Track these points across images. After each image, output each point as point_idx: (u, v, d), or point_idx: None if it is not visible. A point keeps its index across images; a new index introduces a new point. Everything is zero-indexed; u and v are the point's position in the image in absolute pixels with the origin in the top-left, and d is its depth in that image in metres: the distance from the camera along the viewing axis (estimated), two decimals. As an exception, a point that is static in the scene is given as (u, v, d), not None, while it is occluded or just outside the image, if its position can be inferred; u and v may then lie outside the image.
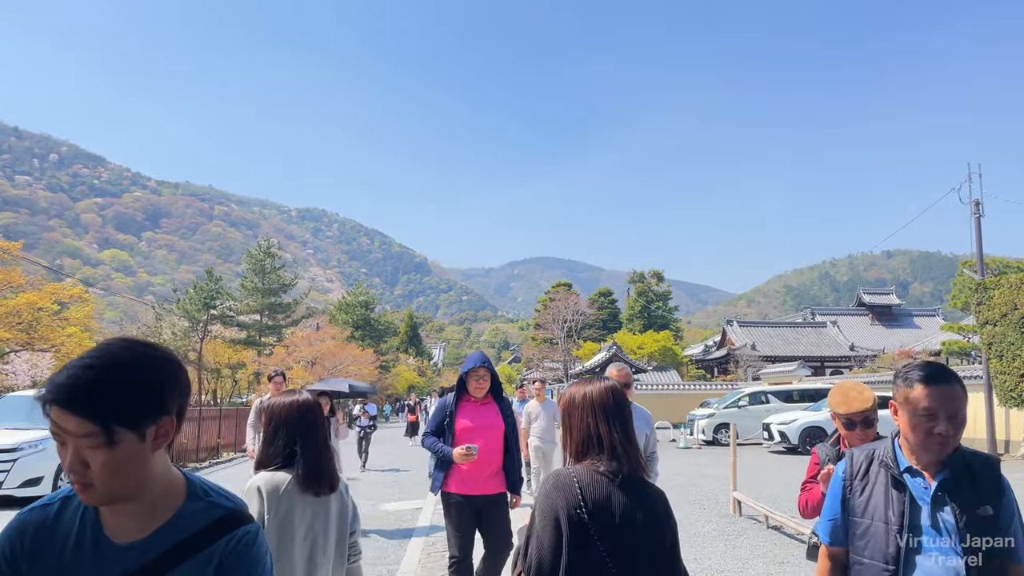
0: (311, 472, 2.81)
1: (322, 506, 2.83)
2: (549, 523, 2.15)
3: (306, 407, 2.91)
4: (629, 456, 2.25)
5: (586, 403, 2.33)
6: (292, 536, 2.75)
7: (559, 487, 2.18)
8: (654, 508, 2.22)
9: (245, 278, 57.40)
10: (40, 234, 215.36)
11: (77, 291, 21.31)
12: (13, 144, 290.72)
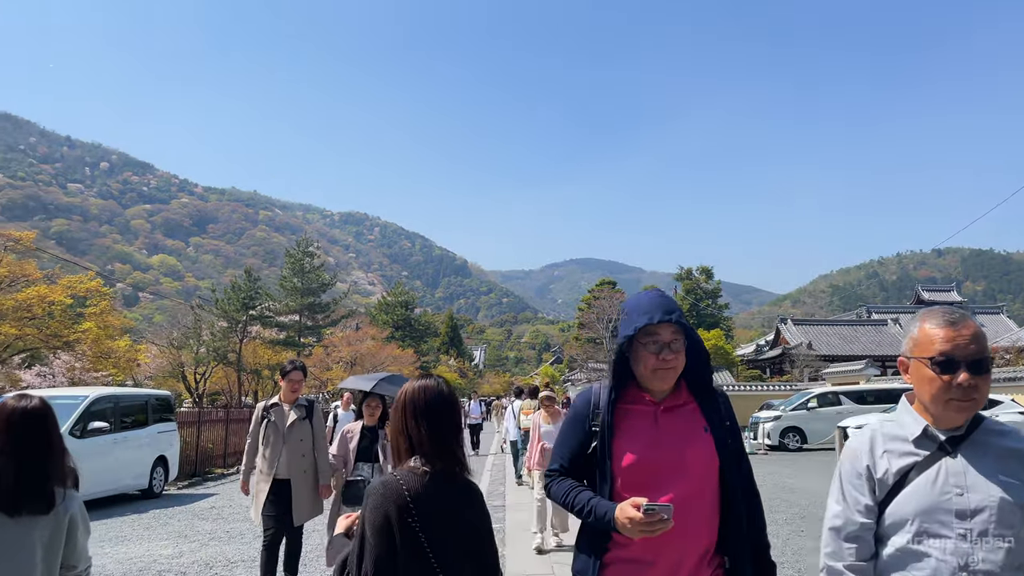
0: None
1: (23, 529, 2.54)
2: (379, 531, 2.14)
3: None
4: (447, 455, 2.26)
5: (400, 404, 2.33)
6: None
7: (387, 495, 2.17)
8: (474, 503, 2.29)
9: (284, 278, 56.83)
10: (92, 240, 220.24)
11: (94, 284, 20.22)
12: (66, 153, 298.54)
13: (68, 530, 2.61)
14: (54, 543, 2.57)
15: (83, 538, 2.68)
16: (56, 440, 2.66)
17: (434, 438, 2.26)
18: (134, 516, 11.70)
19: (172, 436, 15.16)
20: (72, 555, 2.63)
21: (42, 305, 17.62)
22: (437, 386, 2.36)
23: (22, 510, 2.51)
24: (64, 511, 2.60)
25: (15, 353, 20.58)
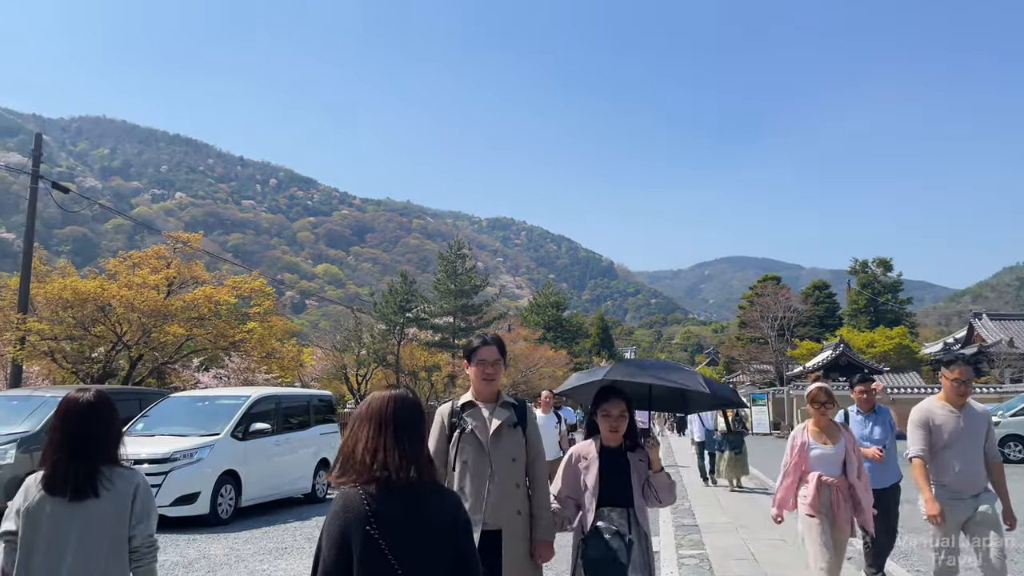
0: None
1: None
2: (335, 546, 2.14)
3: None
4: (412, 464, 2.25)
5: (364, 415, 2.32)
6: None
7: (347, 507, 2.18)
8: (445, 511, 2.27)
9: (438, 281, 57.53)
10: (264, 252, 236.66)
11: (258, 284, 20.31)
12: (239, 172, 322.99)
13: (127, 506, 2.79)
14: (113, 523, 2.76)
15: (141, 515, 2.82)
16: (106, 429, 2.88)
17: (399, 448, 2.26)
18: (296, 524, 11.01)
19: (334, 438, 14.56)
20: (132, 527, 2.80)
21: (209, 305, 17.79)
22: (403, 395, 2.37)
23: (74, 494, 2.72)
24: (117, 493, 2.78)
25: (189, 353, 21.13)
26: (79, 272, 22.65)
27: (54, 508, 2.74)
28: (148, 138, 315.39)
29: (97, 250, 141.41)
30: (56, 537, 2.72)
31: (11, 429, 11.19)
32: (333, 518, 2.16)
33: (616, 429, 4.05)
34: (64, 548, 2.71)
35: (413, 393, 2.40)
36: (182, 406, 12.40)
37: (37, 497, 2.76)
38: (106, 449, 2.86)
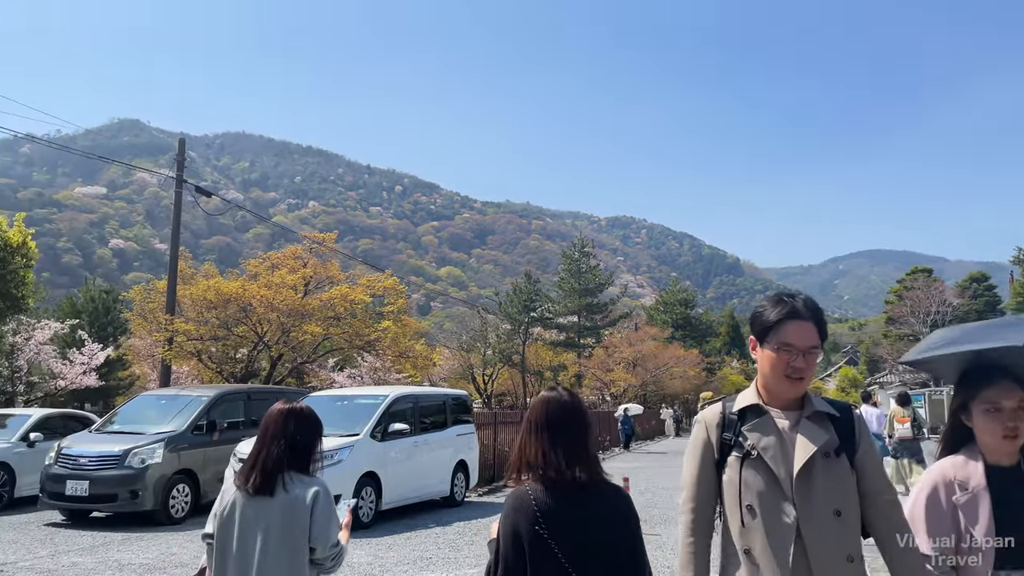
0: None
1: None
2: (511, 542, 2.21)
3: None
4: (577, 463, 2.26)
5: (527, 417, 2.38)
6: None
7: (517, 507, 2.23)
8: (613, 508, 2.28)
9: (562, 280, 56.95)
10: (391, 256, 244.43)
11: (391, 283, 20.23)
12: (367, 180, 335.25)
13: (305, 514, 2.85)
14: (287, 522, 2.84)
15: (321, 524, 2.85)
16: (310, 440, 2.99)
17: (561, 448, 2.28)
18: (438, 530, 10.49)
19: (471, 439, 14.05)
20: (312, 538, 2.86)
21: (344, 304, 17.81)
22: (559, 397, 2.38)
23: (256, 492, 2.88)
24: (294, 497, 2.86)
25: (324, 353, 21.39)
26: (222, 276, 23.47)
27: (244, 508, 2.88)
28: (283, 151, 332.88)
29: (239, 258, 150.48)
30: (245, 537, 2.85)
31: (159, 429, 11.29)
32: (505, 518, 2.25)
33: (1015, 434, 2.36)
34: (252, 548, 2.83)
35: (572, 394, 2.41)
36: (321, 406, 12.09)
37: (231, 499, 2.93)
38: (305, 458, 2.97)
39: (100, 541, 9.35)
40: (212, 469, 11.43)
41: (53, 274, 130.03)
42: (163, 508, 10.63)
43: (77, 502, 10.48)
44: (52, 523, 10.68)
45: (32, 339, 24.74)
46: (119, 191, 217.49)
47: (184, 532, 10.05)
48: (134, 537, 9.62)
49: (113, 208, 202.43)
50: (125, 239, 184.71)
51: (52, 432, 12.78)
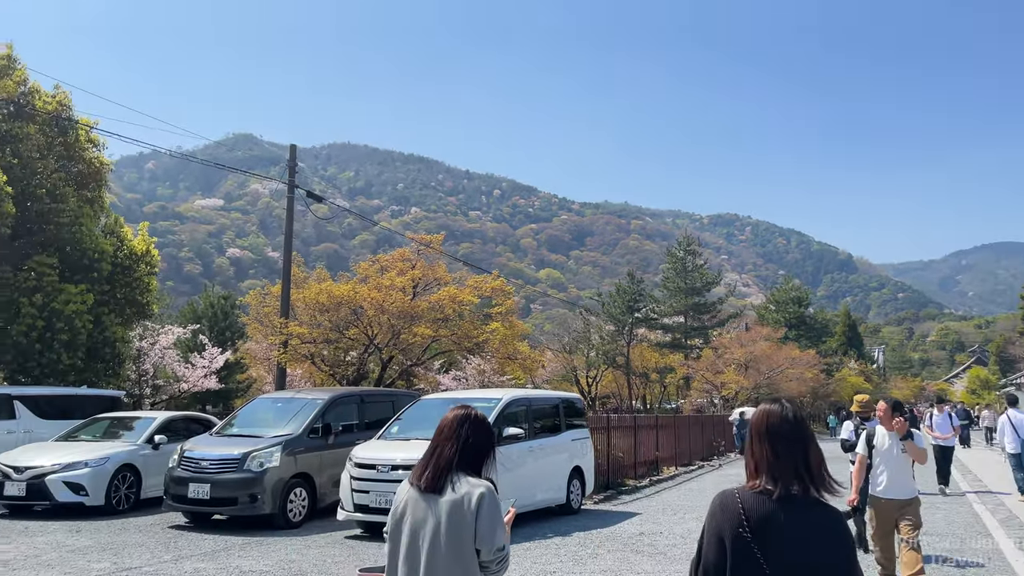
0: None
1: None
2: (714, 542, 2.28)
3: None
4: (792, 477, 2.30)
5: (752, 426, 2.46)
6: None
7: (724, 508, 2.30)
8: (824, 528, 2.26)
9: (667, 279, 55.51)
10: (491, 260, 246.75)
11: (499, 283, 19.93)
12: (466, 185, 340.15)
13: (470, 515, 2.88)
14: (453, 521, 2.88)
15: (486, 526, 2.88)
16: (485, 443, 3.09)
17: (774, 459, 2.33)
18: (557, 541, 9.97)
19: (586, 444, 13.48)
20: (477, 540, 2.88)
21: (453, 305, 17.63)
22: (782, 410, 2.43)
23: (427, 488, 2.95)
24: (461, 496, 2.90)
25: (435, 355, 21.32)
26: (333, 280, 23.89)
27: (415, 505, 2.96)
28: (386, 159, 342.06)
29: (347, 264, 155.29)
30: (415, 533, 2.93)
31: (276, 432, 11.27)
32: (711, 517, 2.34)
33: None
34: (420, 544, 2.90)
35: (791, 406, 2.45)
36: (434, 408, 11.88)
37: (404, 496, 3.03)
38: (476, 460, 3.04)
39: (221, 546, 9.33)
40: (328, 473, 11.33)
41: (176, 282, 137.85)
42: (281, 512, 10.58)
43: (199, 505, 10.57)
44: (176, 525, 10.81)
45: (157, 344, 25.89)
46: (234, 202, 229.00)
47: (302, 537, 9.94)
48: (254, 542, 9.57)
49: (229, 219, 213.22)
50: (241, 248, 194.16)
51: (175, 434, 13.04)
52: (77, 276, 17.73)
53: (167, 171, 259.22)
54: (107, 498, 11.66)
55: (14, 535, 9.78)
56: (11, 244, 16.55)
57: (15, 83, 16.95)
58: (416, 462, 9.16)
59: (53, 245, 17.42)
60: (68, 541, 9.41)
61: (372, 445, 10.69)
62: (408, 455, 9.95)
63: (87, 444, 12.59)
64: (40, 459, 11.63)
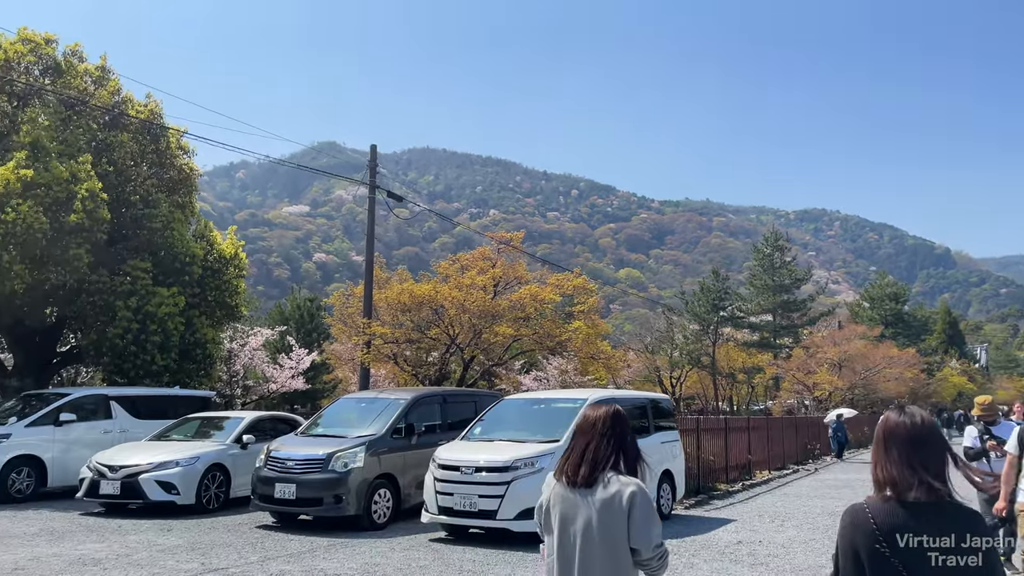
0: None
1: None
2: (850, 561, 2.24)
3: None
4: (921, 483, 2.25)
5: (877, 433, 2.43)
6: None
7: (855, 523, 2.27)
8: (963, 533, 2.20)
9: (753, 276, 53.81)
10: (569, 260, 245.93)
11: (580, 281, 19.49)
12: (543, 186, 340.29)
13: (622, 513, 2.86)
14: (605, 519, 2.88)
15: (640, 525, 2.85)
16: (623, 439, 3.05)
17: (900, 465, 2.29)
18: (649, 548, 9.48)
19: (675, 447, 12.91)
20: (632, 539, 2.86)
21: (534, 304, 17.31)
22: (907, 416, 2.39)
23: (581, 484, 2.95)
24: (612, 494, 2.89)
25: (516, 355, 21.05)
26: (414, 280, 23.98)
27: (564, 501, 2.98)
28: (465, 163, 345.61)
29: (428, 266, 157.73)
30: (565, 529, 2.94)
31: (360, 432, 11.17)
32: (842, 533, 2.32)
33: None
34: (572, 541, 2.90)
35: (917, 413, 2.42)
36: (517, 409, 11.59)
37: (550, 492, 3.07)
38: (630, 459, 3.04)
39: (307, 547, 9.24)
40: (412, 474, 11.16)
41: (267, 287, 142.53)
42: (366, 513, 10.45)
43: (285, 505, 10.54)
44: (263, 525, 10.83)
45: (247, 345, 26.56)
46: (320, 208, 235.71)
47: (386, 540, 9.77)
48: (339, 544, 9.45)
49: (315, 225, 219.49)
50: (326, 253, 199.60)
51: (263, 434, 13.15)
52: (169, 279, 18.24)
53: (256, 179, 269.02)
54: (198, 497, 11.81)
55: (108, 533, 9.96)
56: (107, 249, 17.14)
57: (109, 93, 17.58)
58: (497, 463, 8.77)
59: (147, 249, 17.98)
60: (159, 540, 9.51)
61: (455, 446, 10.46)
62: (492, 456, 9.66)
63: (178, 444, 12.82)
64: (133, 458, 11.88)
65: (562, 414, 10.79)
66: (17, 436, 12.98)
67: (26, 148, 14.89)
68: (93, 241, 15.80)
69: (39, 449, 13.16)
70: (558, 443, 9.98)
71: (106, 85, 17.74)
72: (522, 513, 9.28)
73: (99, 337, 17.17)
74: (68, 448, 13.47)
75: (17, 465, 12.84)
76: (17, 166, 14.46)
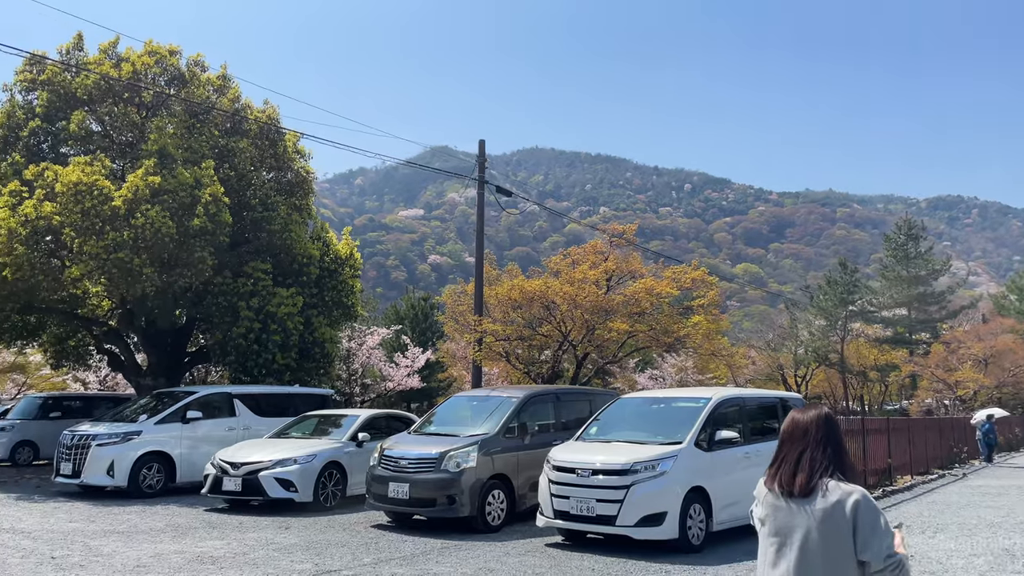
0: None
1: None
2: None
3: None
4: None
5: None
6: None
7: None
8: None
9: (885, 267, 50.50)
10: (683, 256, 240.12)
11: (699, 274, 18.56)
12: (655, 181, 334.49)
13: (845, 522, 2.71)
14: (827, 529, 2.72)
15: (869, 534, 2.69)
16: (838, 442, 2.90)
17: None
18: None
19: (812, 450, 11.91)
20: (860, 550, 2.71)
21: (650, 298, 16.57)
22: None
23: (798, 494, 2.81)
24: (832, 505, 2.74)
25: (631, 352, 20.36)
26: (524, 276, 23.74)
27: (777, 511, 2.87)
28: (574, 161, 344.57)
29: (538, 266, 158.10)
30: (783, 540, 2.83)
31: (472, 431, 10.88)
32: None
33: None
34: (789, 552, 2.80)
35: None
36: (635, 409, 10.97)
37: (761, 500, 2.99)
38: (845, 465, 2.88)
39: (420, 549, 9.00)
40: (525, 475, 10.77)
41: (384, 289, 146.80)
42: (480, 515, 10.13)
43: (399, 505, 10.38)
44: (378, 524, 10.71)
45: (364, 344, 27.10)
46: (433, 211, 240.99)
47: (500, 543, 9.41)
48: (452, 546, 9.16)
49: (429, 227, 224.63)
50: (440, 255, 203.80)
51: (378, 432, 13.14)
52: (288, 280, 18.69)
53: (373, 185, 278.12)
54: (315, 495, 11.88)
55: (229, 530, 10.09)
56: (230, 252, 17.72)
57: (230, 100, 18.17)
58: (615, 466, 8.13)
59: (266, 251, 18.49)
60: (276, 538, 9.52)
61: (570, 447, 9.97)
62: (609, 458, 9.11)
63: (297, 441, 12.97)
64: (254, 456, 12.07)
65: (684, 414, 10.10)
66: (147, 433, 13.52)
67: (154, 156, 15.55)
68: (216, 244, 16.34)
69: (168, 446, 13.66)
70: (680, 445, 9.32)
71: (227, 93, 18.36)
72: (644, 519, 8.69)
73: (224, 337, 17.78)
74: (195, 445, 13.91)
75: (148, 461, 13.36)
76: (146, 173, 15.11)
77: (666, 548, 8.81)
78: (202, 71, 18.41)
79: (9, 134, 16.95)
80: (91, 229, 14.63)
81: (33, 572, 7.55)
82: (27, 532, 9.69)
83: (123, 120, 17.02)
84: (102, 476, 13.09)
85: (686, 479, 9.07)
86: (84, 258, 14.69)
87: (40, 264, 14.93)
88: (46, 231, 14.81)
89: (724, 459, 9.83)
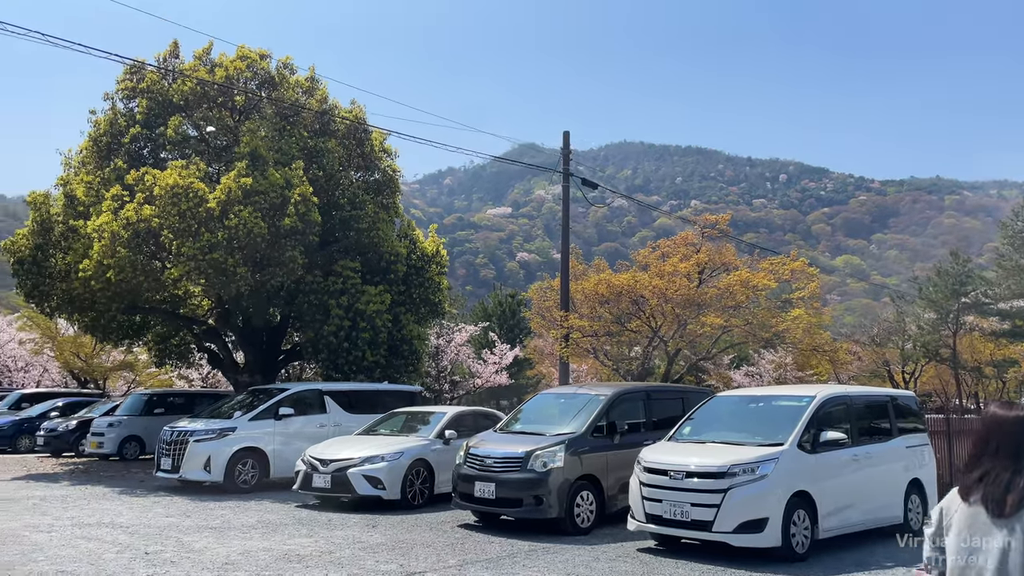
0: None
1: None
2: None
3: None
4: None
5: None
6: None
7: None
8: None
9: (1001, 256, 47.15)
10: (778, 248, 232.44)
11: (798, 264, 17.59)
12: (748, 173, 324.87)
13: None
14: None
15: None
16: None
17: None
18: (899, 572, 7.97)
19: (924, 451, 11.02)
20: None
21: (745, 291, 15.80)
22: None
23: (1008, 515, 2.63)
24: None
25: (723, 350, 19.58)
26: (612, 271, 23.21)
27: (975, 528, 2.69)
28: (663, 154, 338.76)
29: (627, 260, 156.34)
30: (970, 553, 2.69)
31: (560, 430, 10.55)
32: None
33: None
34: (979, 569, 2.67)
35: None
36: (731, 407, 10.38)
37: (952, 509, 2.79)
38: None
39: (507, 551, 8.74)
40: (615, 476, 10.37)
41: (474, 287, 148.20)
42: (568, 517, 9.80)
43: (485, 504, 10.17)
44: (465, 524, 10.54)
45: (452, 342, 27.17)
46: (521, 209, 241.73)
47: (590, 547, 9.05)
48: (540, 549, 8.87)
49: (517, 225, 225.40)
50: (528, 252, 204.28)
51: (465, 429, 12.98)
52: (376, 278, 18.84)
53: (461, 185, 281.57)
54: (403, 492, 11.82)
55: (317, 528, 10.11)
56: (320, 251, 17.99)
57: (318, 102, 18.45)
58: (711, 469, 7.55)
59: (355, 250, 18.68)
60: (363, 537, 9.46)
61: (662, 447, 9.50)
62: (705, 460, 8.60)
63: (385, 438, 12.96)
64: (343, 452, 12.11)
65: (785, 413, 9.46)
66: (242, 429, 13.81)
67: (246, 158, 15.90)
68: (306, 243, 16.59)
69: (262, 442, 13.92)
70: (782, 447, 8.72)
71: (315, 94, 18.65)
72: (743, 526, 8.16)
73: (316, 335, 18.06)
74: (287, 441, 14.13)
75: (242, 457, 13.65)
76: (238, 175, 15.47)
77: (767, 556, 8.25)
78: (291, 73, 18.75)
79: (112, 141, 17.72)
80: (187, 231, 15.09)
81: (126, 567, 7.70)
82: (125, 527, 9.98)
83: (217, 124, 17.53)
84: (199, 471, 13.46)
85: (788, 483, 8.47)
86: (182, 259, 15.17)
87: (142, 266, 15.51)
88: (146, 234, 15.36)
89: (830, 462, 9.15)
